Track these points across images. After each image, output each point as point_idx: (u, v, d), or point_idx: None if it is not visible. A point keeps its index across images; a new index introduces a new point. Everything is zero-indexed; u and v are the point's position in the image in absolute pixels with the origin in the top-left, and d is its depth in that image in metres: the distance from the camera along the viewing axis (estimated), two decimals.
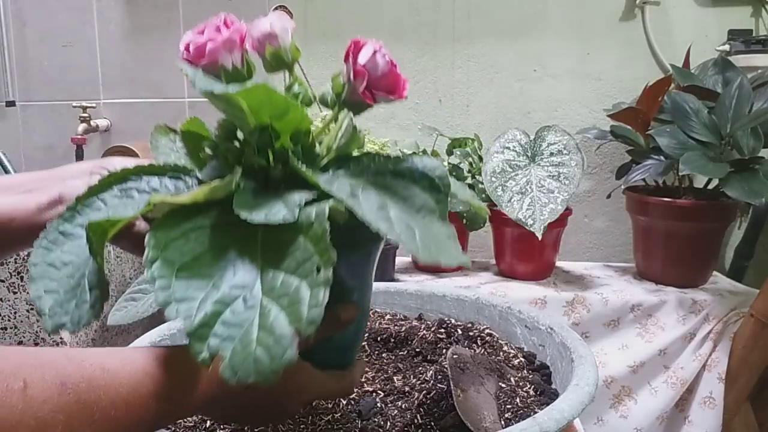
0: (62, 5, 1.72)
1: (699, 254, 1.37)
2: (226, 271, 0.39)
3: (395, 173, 0.45)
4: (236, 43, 0.46)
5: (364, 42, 0.45)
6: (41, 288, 0.43)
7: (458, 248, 0.42)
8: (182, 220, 0.41)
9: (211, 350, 0.36)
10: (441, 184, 0.45)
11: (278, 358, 0.35)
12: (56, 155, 1.78)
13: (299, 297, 0.37)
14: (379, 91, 0.45)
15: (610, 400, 1.33)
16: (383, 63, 0.44)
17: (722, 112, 1.28)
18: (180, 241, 0.40)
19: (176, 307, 0.38)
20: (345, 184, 0.42)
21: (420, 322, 0.76)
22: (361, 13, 1.64)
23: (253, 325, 0.37)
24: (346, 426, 0.54)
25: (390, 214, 0.40)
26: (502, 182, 1.32)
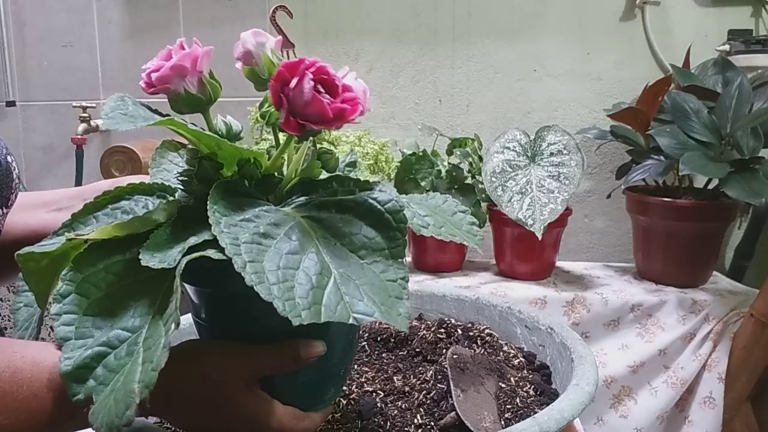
0: (62, 5, 1.72)
1: (699, 254, 1.37)
2: (127, 311, 0.39)
3: (340, 206, 0.42)
4: (186, 68, 0.45)
5: (298, 63, 0.41)
6: (23, 301, 0.45)
7: (402, 294, 0.37)
8: (108, 252, 0.41)
9: (86, 393, 0.36)
10: (392, 219, 0.41)
11: (120, 415, 0.34)
12: (56, 155, 1.78)
13: (152, 354, 0.36)
14: (304, 121, 0.41)
15: (610, 400, 1.33)
16: (307, 90, 0.40)
17: (722, 112, 1.28)
18: (100, 274, 0.40)
19: (72, 345, 0.38)
20: (262, 223, 0.38)
21: (420, 322, 0.76)
22: (361, 13, 1.64)
23: (123, 374, 0.36)
24: (346, 426, 0.54)
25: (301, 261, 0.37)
26: (502, 182, 1.32)
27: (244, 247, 0.36)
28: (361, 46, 1.64)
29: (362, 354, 0.69)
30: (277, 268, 0.36)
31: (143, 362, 0.36)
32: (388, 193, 0.42)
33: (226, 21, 1.65)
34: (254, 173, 0.45)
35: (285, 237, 0.38)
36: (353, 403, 0.58)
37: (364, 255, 0.39)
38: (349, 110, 0.41)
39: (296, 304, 0.35)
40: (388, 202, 0.41)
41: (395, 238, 0.40)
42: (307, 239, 0.39)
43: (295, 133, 0.42)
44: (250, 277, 0.35)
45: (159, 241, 0.40)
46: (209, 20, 1.67)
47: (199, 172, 0.44)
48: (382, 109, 1.65)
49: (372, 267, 0.39)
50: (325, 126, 0.41)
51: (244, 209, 0.40)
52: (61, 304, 0.39)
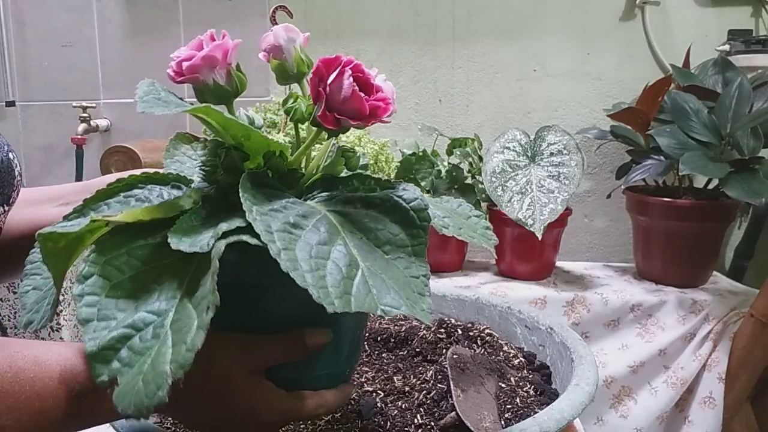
0: (62, 5, 1.72)
1: (699, 254, 1.37)
2: (152, 294, 0.39)
3: (366, 202, 0.43)
4: (217, 59, 0.45)
5: (335, 60, 0.42)
6: (30, 284, 0.45)
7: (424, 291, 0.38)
8: (132, 236, 0.41)
9: (110, 374, 0.36)
10: (417, 217, 0.41)
11: (151, 396, 0.34)
12: (56, 155, 1.78)
13: (186, 336, 0.36)
14: (342, 116, 0.42)
15: (610, 400, 1.33)
16: (347, 86, 0.41)
17: (722, 112, 1.28)
18: (123, 257, 0.40)
19: (95, 326, 0.37)
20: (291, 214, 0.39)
21: (420, 322, 0.76)
22: (361, 13, 1.64)
23: (150, 356, 0.36)
24: (346, 426, 0.54)
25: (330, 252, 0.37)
26: (502, 182, 1.32)
27: (276, 234, 0.37)
28: (361, 46, 1.64)
29: (362, 354, 0.69)
30: (309, 257, 0.37)
31: (174, 344, 0.36)
32: (412, 192, 0.43)
33: (226, 21, 1.65)
34: (280, 166, 0.45)
35: (314, 228, 0.39)
36: (353, 403, 0.58)
37: (388, 250, 0.40)
38: (382, 108, 0.43)
39: (329, 292, 0.35)
40: (413, 200, 0.42)
41: (418, 236, 0.41)
42: (334, 232, 0.39)
43: (331, 127, 0.43)
44: (285, 263, 0.35)
45: (186, 226, 0.40)
46: (209, 20, 1.67)
47: (226, 162, 0.44)
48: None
49: (396, 263, 0.39)
50: (360, 121, 0.43)
51: (272, 200, 0.40)
52: (84, 285, 0.39)
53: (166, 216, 0.41)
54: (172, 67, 0.46)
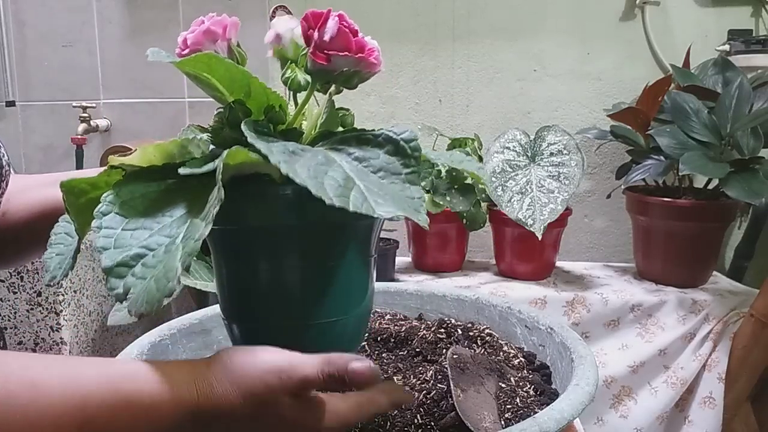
0: (62, 5, 1.72)
1: (699, 254, 1.37)
2: (164, 224, 0.42)
3: (359, 139, 0.45)
4: (218, 33, 0.49)
5: (320, 13, 0.46)
6: (54, 251, 0.49)
7: (421, 209, 0.40)
8: (146, 181, 0.44)
9: (125, 287, 0.38)
10: (407, 146, 0.44)
11: (162, 289, 0.36)
12: (56, 155, 1.78)
13: (194, 236, 0.39)
14: (331, 51, 0.45)
15: (610, 400, 1.33)
16: (332, 25, 0.45)
17: (722, 112, 1.28)
18: (138, 199, 0.43)
19: (111, 252, 0.40)
20: (290, 146, 0.41)
21: (420, 322, 0.76)
22: (360, 13, 1.64)
23: (163, 265, 0.39)
24: None
25: (327, 171, 0.40)
26: (502, 182, 1.32)
27: (277, 153, 0.39)
28: None
29: (362, 354, 0.69)
30: (308, 170, 0.38)
31: (184, 247, 0.39)
32: (402, 127, 0.45)
33: None
34: (280, 118, 0.48)
35: (312, 156, 0.41)
36: None
37: (383, 176, 0.42)
38: (370, 49, 0.47)
39: (327, 192, 0.37)
40: (403, 132, 0.44)
41: (410, 164, 0.43)
42: (331, 159, 0.42)
43: (322, 62, 0.45)
44: (284, 167, 0.37)
45: (196, 164, 0.43)
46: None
47: (231, 116, 0.46)
48: (382, 109, 1.65)
49: (390, 186, 0.41)
50: (349, 54, 0.45)
51: (271, 142, 0.43)
52: (101, 220, 0.41)
53: (178, 160, 0.44)
54: (179, 45, 0.50)
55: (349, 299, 0.51)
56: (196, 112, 1.69)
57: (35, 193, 0.62)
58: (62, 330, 1.18)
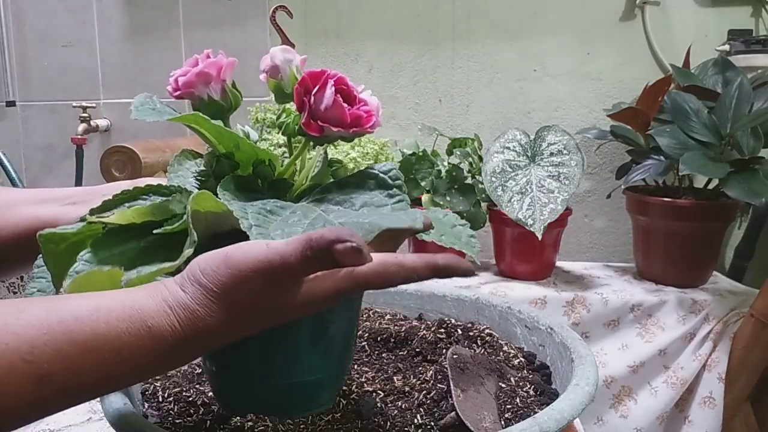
0: (62, 5, 1.72)
1: (699, 254, 1.37)
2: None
3: (340, 185, 0.45)
4: (211, 75, 0.48)
5: (320, 73, 0.45)
6: (36, 287, 0.47)
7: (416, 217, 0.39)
8: (125, 238, 0.43)
9: None
10: (387, 178, 0.44)
11: None
12: (56, 155, 1.78)
13: None
14: (325, 123, 0.45)
15: (610, 400, 1.33)
16: (329, 95, 0.44)
17: (722, 112, 1.28)
18: (115, 258, 0.42)
19: None
20: (269, 204, 0.41)
21: (420, 322, 0.76)
22: (361, 13, 1.64)
23: None
24: (346, 426, 0.54)
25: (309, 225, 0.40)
26: (502, 182, 1.32)
27: (251, 215, 0.39)
28: (361, 46, 1.64)
29: (362, 354, 0.69)
30: (282, 231, 0.38)
31: None
32: (387, 164, 0.45)
33: (226, 21, 1.65)
34: (268, 173, 0.48)
35: (291, 213, 0.41)
36: (353, 403, 0.58)
37: (368, 211, 0.42)
38: (364, 118, 0.46)
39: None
40: (383, 167, 0.45)
41: (396, 194, 0.43)
42: (310, 211, 0.42)
43: (315, 134, 0.45)
44: (254, 232, 0.37)
45: (174, 221, 0.43)
46: (209, 20, 1.67)
47: (217, 169, 0.46)
48: (382, 109, 1.65)
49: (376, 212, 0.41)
50: (342, 129, 0.45)
51: (252, 200, 0.42)
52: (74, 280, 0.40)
53: (156, 219, 0.43)
54: (171, 83, 0.49)
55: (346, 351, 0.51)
56: None
57: (23, 211, 0.60)
58: None
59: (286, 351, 0.47)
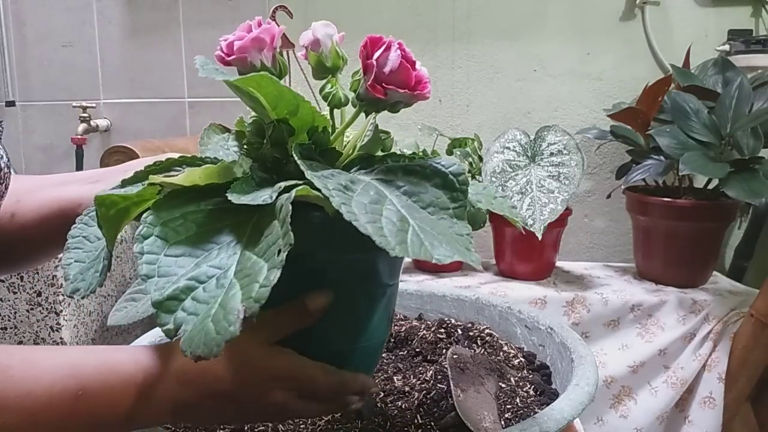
0: (62, 5, 1.72)
1: (699, 254, 1.37)
2: (211, 252, 0.41)
3: (406, 170, 0.45)
4: (266, 42, 0.48)
5: (379, 38, 0.45)
6: (73, 257, 0.47)
7: (470, 247, 0.40)
8: (185, 202, 0.43)
9: (176, 323, 0.37)
10: (456, 181, 0.43)
11: (222, 331, 0.35)
12: (56, 155, 1.78)
13: (256, 277, 0.38)
14: (389, 85, 0.45)
15: (610, 400, 1.33)
16: (395, 58, 0.44)
17: (722, 112, 1.28)
18: (178, 221, 0.42)
19: (156, 281, 0.39)
20: (341, 179, 0.41)
21: (420, 322, 0.76)
22: (361, 13, 1.64)
23: (216, 302, 0.38)
24: (346, 426, 0.54)
25: (382, 210, 0.39)
26: (502, 182, 1.32)
27: (334, 192, 0.39)
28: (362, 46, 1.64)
29: None
30: (365, 212, 0.38)
31: (243, 287, 0.37)
32: (450, 159, 0.45)
33: (226, 21, 1.65)
34: (324, 141, 0.47)
35: (363, 191, 0.41)
36: None
37: (432, 212, 0.42)
38: (423, 83, 0.46)
39: (388, 240, 0.37)
40: (451, 165, 0.44)
41: (458, 198, 0.43)
42: (382, 195, 0.41)
43: (380, 96, 0.45)
44: (347, 214, 0.37)
45: (242, 189, 0.42)
46: (209, 20, 1.67)
47: (273, 136, 0.46)
48: None
49: (441, 222, 0.41)
50: (407, 91, 0.45)
51: (318, 170, 0.42)
52: (143, 244, 0.40)
53: (221, 181, 0.44)
54: (221, 47, 0.48)
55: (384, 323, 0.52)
56: (196, 112, 1.69)
57: (47, 193, 0.61)
58: (62, 330, 1.18)
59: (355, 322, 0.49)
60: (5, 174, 0.59)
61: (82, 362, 0.41)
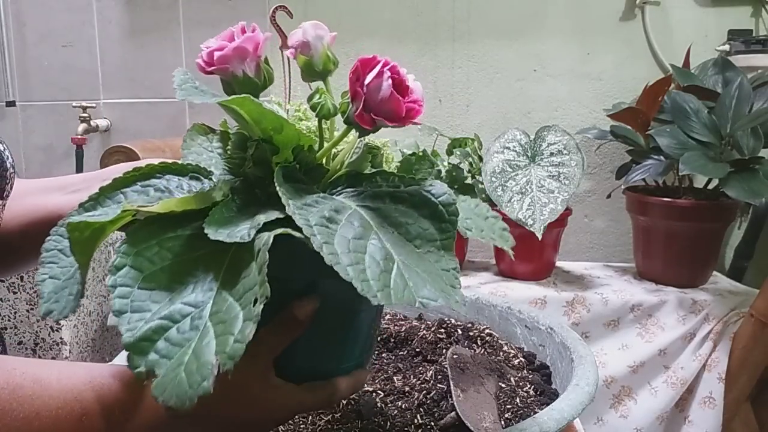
0: (62, 5, 1.72)
1: (699, 254, 1.37)
2: (187, 286, 0.39)
3: (394, 197, 0.43)
4: (248, 51, 0.45)
5: (371, 60, 0.43)
6: (47, 273, 0.44)
7: (456, 284, 0.39)
8: (161, 228, 0.41)
9: (148, 366, 0.36)
10: (445, 211, 0.42)
11: (195, 386, 0.34)
12: (56, 155, 1.78)
13: (232, 327, 0.36)
14: (378, 116, 0.43)
15: (610, 400, 1.33)
16: (385, 88, 0.42)
17: (722, 112, 1.28)
18: (153, 249, 0.40)
19: (128, 318, 0.37)
20: (325, 208, 0.40)
21: (420, 322, 0.76)
22: (361, 13, 1.64)
23: (190, 347, 0.36)
24: (346, 426, 0.54)
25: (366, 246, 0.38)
26: (502, 182, 1.32)
27: (316, 228, 0.37)
28: (361, 46, 1.64)
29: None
30: (348, 251, 0.37)
31: (218, 335, 0.36)
32: (440, 187, 0.43)
33: (226, 21, 1.64)
34: (309, 160, 0.46)
35: (347, 223, 0.39)
36: (353, 403, 0.58)
37: (419, 244, 0.41)
38: (416, 110, 0.44)
39: (371, 285, 0.36)
40: (442, 195, 0.43)
41: (447, 230, 0.42)
42: (367, 227, 0.40)
43: (367, 126, 0.43)
44: (328, 257, 0.36)
45: (221, 217, 0.40)
46: (209, 20, 1.67)
47: (256, 155, 0.44)
48: None
49: (427, 256, 0.40)
50: (394, 122, 0.43)
51: (302, 195, 0.41)
52: (116, 276, 0.38)
53: (199, 207, 0.41)
54: (202, 57, 0.46)
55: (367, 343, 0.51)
56: (196, 112, 1.69)
57: (30, 201, 0.61)
58: (62, 330, 1.18)
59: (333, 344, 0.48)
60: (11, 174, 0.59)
61: (88, 386, 0.41)
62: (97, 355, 1.31)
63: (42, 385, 0.39)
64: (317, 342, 0.47)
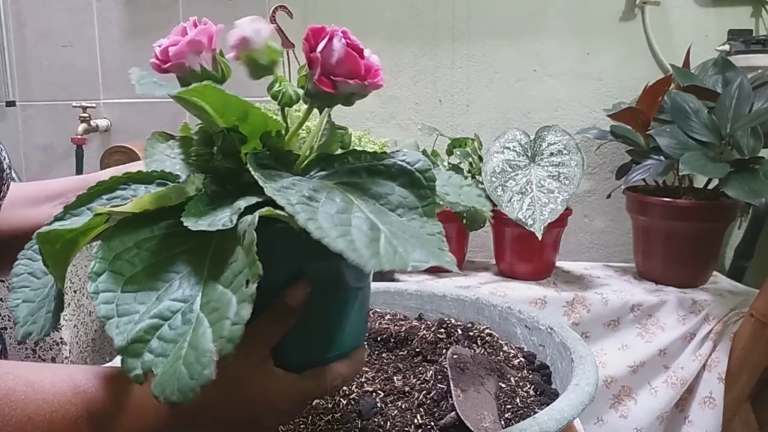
0: (62, 5, 1.72)
1: (699, 254, 1.37)
2: (172, 283, 0.38)
3: (370, 171, 0.43)
4: (203, 44, 0.45)
5: (321, 28, 0.42)
6: (20, 297, 0.43)
7: (443, 246, 0.38)
8: (136, 228, 0.40)
9: (144, 367, 0.35)
10: (422, 177, 0.42)
11: (197, 376, 0.33)
12: (56, 155, 1.78)
13: (227, 312, 0.35)
14: (338, 77, 0.42)
15: (610, 400, 1.33)
16: (339, 47, 0.41)
17: (722, 112, 1.28)
18: (132, 251, 0.39)
19: (117, 322, 0.36)
20: (303, 188, 0.39)
21: (420, 322, 0.76)
22: (361, 13, 1.64)
23: (185, 340, 0.35)
24: (346, 426, 0.54)
25: (351, 219, 0.37)
26: (502, 182, 1.32)
27: (298, 207, 0.37)
28: None
29: None
30: (334, 225, 0.36)
31: (212, 323, 0.35)
32: (414, 155, 0.43)
33: (226, 21, 1.64)
34: (279, 145, 0.45)
35: (328, 200, 0.39)
36: (353, 403, 0.58)
37: (402, 213, 0.40)
38: (375, 69, 0.43)
39: (362, 254, 0.35)
40: (417, 162, 0.42)
41: (426, 196, 0.41)
42: (348, 201, 0.39)
43: (329, 89, 0.42)
44: (315, 231, 0.35)
45: (197, 210, 0.40)
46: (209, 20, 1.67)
47: (224, 146, 0.43)
48: (382, 109, 1.65)
49: (411, 224, 0.40)
50: (358, 80, 0.42)
51: (277, 180, 0.40)
52: (97, 282, 0.38)
53: (171, 204, 0.41)
54: (156, 55, 0.45)
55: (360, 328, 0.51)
56: None
57: (22, 213, 0.60)
58: (62, 330, 1.18)
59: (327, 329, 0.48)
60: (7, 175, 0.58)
61: (82, 389, 0.41)
62: (97, 355, 1.31)
63: (35, 388, 0.39)
64: (311, 329, 0.46)
